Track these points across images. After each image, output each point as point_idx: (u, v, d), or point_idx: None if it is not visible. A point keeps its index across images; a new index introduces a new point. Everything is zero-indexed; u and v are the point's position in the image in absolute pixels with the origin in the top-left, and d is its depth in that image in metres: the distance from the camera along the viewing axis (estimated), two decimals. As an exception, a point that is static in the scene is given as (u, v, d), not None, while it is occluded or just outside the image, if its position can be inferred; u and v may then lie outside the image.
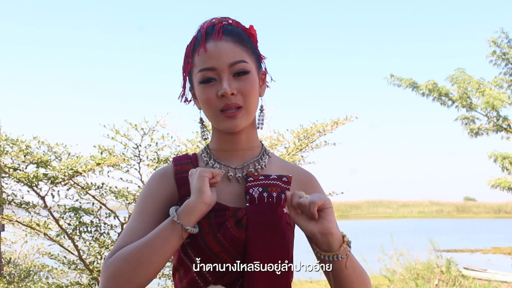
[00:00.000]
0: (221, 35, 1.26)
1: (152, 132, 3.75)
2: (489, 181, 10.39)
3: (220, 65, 1.24)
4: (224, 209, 1.25)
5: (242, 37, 1.29)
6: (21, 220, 4.15)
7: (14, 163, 3.73)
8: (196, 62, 1.27)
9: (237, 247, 1.21)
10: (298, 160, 4.42)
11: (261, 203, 1.24)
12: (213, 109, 1.26)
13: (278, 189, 1.26)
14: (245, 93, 1.26)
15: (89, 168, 3.69)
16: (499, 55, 10.01)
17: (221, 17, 1.32)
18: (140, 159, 3.82)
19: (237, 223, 1.22)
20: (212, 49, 1.25)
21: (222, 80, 1.24)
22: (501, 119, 10.16)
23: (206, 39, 1.26)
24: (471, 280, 8.29)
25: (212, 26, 1.29)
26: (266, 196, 1.25)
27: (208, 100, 1.26)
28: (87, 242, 4.02)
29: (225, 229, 1.21)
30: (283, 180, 1.28)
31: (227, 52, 1.25)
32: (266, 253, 1.20)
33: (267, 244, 1.21)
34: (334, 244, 1.17)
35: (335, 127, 4.29)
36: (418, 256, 9.20)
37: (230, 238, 1.21)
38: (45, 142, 3.73)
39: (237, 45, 1.27)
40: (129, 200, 3.90)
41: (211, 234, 1.21)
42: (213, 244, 1.21)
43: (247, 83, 1.26)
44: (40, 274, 5.67)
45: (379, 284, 8.74)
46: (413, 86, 10.54)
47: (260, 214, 1.22)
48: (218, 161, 1.33)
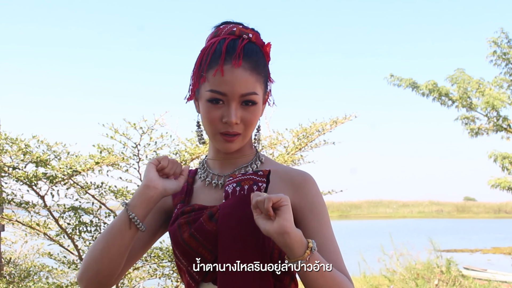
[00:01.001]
0: (241, 62, 1.25)
1: (151, 131, 3.75)
2: (489, 181, 10.40)
3: (232, 93, 1.25)
4: (202, 208, 1.30)
5: (258, 63, 1.29)
6: (21, 220, 4.15)
7: (13, 162, 3.73)
8: (209, 79, 1.26)
9: (211, 241, 1.24)
10: (297, 159, 4.42)
11: (233, 197, 1.26)
12: (213, 129, 1.29)
13: (250, 182, 1.27)
14: (248, 123, 1.29)
15: (88, 167, 3.68)
16: (499, 55, 10.01)
17: (242, 27, 1.31)
18: (139, 158, 3.82)
19: (210, 218, 1.26)
20: (229, 75, 1.24)
21: (229, 108, 1.26)
22: (501, 119, 10.17)
23: (225, 60, 1.25)
24: (471, 280, 8.30)
25: (233, 42, 1.27)
26: (238, 189, 1.27)
27: (211, 120, 1.28)
28: (87, 242, 4.02)
29: (199, 224, 1.26)
30: (258, 174, 1.29)
31: (241, 82, 1.25)
32: (238, 243, 1.21)
33: (238, 235, 1.22)
34: (294, 247, 1.12)
35: (334, 126, 4.29)
36: (418, 256, 9.21)
37: (202, 232, 1.25)
38: (44, 141, 3.73)
39: (252, 75, 1.26)
40: (128, 199, 3.90)
41: (187, 231, 1.27)
42: (189, 240, 1.26)
43: (251, 114, 1.28)
44: (40, 274, 5.67)
45: (379, 284, 8.75)
46: (413, 86, 10.55)
47: (230, 206, 1.25)
48: (209, 170, 1.38)
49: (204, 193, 1.35)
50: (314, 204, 1.29)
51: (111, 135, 3.70)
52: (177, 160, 1.27)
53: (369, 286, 8.70)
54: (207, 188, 1.36)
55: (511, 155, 9.94)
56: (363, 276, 9.13)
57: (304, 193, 1.29)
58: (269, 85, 1.37)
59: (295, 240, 1.12)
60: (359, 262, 8.92)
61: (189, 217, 1.29)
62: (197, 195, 1.37)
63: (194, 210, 1.30)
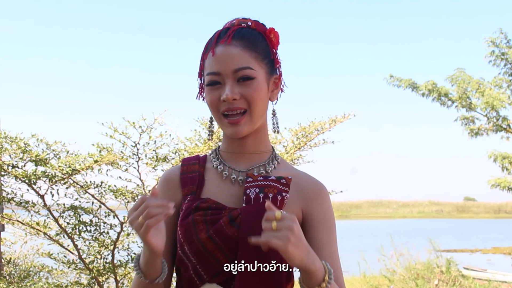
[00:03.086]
0: (230, 40, 1.26)
1: (150, 130, 3.75)
2: (489, 181, 10.39)
3: (225, 70, 1.26)
4: (221, 208, 1.27)
5: (253, 41, 1.29)
6: (21, 220, 4.14)
7: (12, 160, 3.73)
8: (206, 64, 1.29)
9: (229, 246, 1.22)
10: (296, 158, 4.42)
11: (256, 204, 1.24)
12: (216, 112, 1.29)
13: (275, 191, 1.25)
14: (249, 98, 1.26)
15: (87, 166, 3.68)
16: (498, 55, 10.01)
17: (242, 18, 1.33)
18: (138, 158, 3.82)
19: (231, 222, 1.23)
20: (219, 53, 1.26)
21: (225, 85, 1.26)
22: (501, 119, 10.16)
23: (216, 43, 1.28)
24: (471, 280, 8.29)
25: (226, 29, 1.30)
26: (262, 196, 1.24)
27: (211, 102, 1.28)
28: (87, 242, 4.02)
29: (218, 227, 1.23)
30: (281, 182, 1.27)
31: (232, 58, 1.25)
32: (258, 253, 1.19)
33: (259, 245, 1.19)
34: (313, 276, 1.14)
35: (333, 125, 4.29)
36: (418, 256, 9.20)
37: (222, 235, 1.22)
38: (44, 140, 3.73)
39: (245, 51, 1.27)
40: (128, 199, 3.90)
41: (204, 231, 1.23)
42: (206, 241, 1.23)
43: (251, 88, 1.26)
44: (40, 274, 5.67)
45: (379, 284, 8.74)
46: (413, 87, 10.54)
47: (254, 214, 1.22)
48: (224, 163, 1.35)
49: (219, 188, 1.32)
50: (327, 218, 1.30)
51: (110, 134, 3.70)
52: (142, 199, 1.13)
53: (369, 286, 8.69)
54: (222, 182, 1.32)
55: (511, 155, 9.94)
56: (363, 276, 9.12)
57: (318, 204, 1.30)
58: (279, 68, 1.36)
59: (313, 272, 1.13)
60: (359, 262, 8.91)
61: (205, 215, 1.25)
62: (209, 188, 1.32)
63: (211, 209, 1.26)
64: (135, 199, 3.90)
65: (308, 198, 1.30)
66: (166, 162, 3.86)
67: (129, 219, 1.14)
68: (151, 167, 3.88)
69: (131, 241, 4.15)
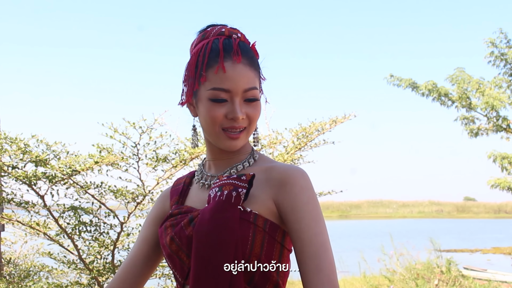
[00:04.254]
0: (240, 58, 1.26)
1: (150, 131, 3.75)
2: (489, 181, 10.40)
3: (235, 89, 1.25)
4: (189, 211, 1.31)
5: (253, 59, 1.30)
6: (21, 220, 4.14)
7: (12, 161, 3.73)
8: (210, 78, 1.26)
9: (188, 245, 1.25)
10: (297, 159, 4.42)
11: (213, 202, 1.25)
12: (216, 126, 1.28)
13: (231, 187, 1.25)
14: (252, 118, 1.29)
15: (87, 166, 3.68)
16: (497, 56, 10.01)
17: (230, 28, 1.32)
18: (139, 158, 3.82)
19: (190, 222, 1.26)
20: (231, 71, 1.25)
21: (234, 104, 1.26)
22: (501, 119, 10.17)
23: (224, 57, 1.26)
24: (471, 280, 8.29)
25: (227, 40, 1.28)
26: (219, 195, 1.25)
27: (215, 118, 1.26)
28: (87, 242, 4.02)
29: (178, 228, 1.28)
30: (241, 178, 1.26)
31: (243, 77, 1.26)
32: (210, 250, 1.19)
33: (211, 241, 1.20)
34: None
35: (334, 125, 4.29)
36: (418, 256, 9.21)
37: (181, 236, 1.26)
38: (44, 140, 3.73)
39: (251, 70, 1.28)
40: (128, 199, 3.90)
41: (170, 234, 1.29)
42: (171, 243, 1.28)
43: (255, 109, 1.29)
44: (40, 274, 5.67)
45: (379, 284, 8.74)
46: (413, 86, 10.55)
47: (208, 212, 1.23)
48: (204, 171, 1.38)
49: (197, 195, 1.36)
50: (297, 204, 1.22)
51: (110, 135, 3.70)
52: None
53: (369, 286, 8.69)
54: (200, 190, 1.36)
55: (511, 155, 9.95)
56: (363, 276, 9.13)
57: (286, 191, 1.23)
58: (261, 83, 1.37)
59: None
60: (359, 262, 8.92)
61: (174, 219, 1.31)
62: (190, 197, 1.38)
63: (181, 213, 1.32)
64: (135, 199, 3.90)
65: (275, 186, 1.25)
66: (166, 162, 3.87)
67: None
68: (151, 168, 3.88)
69: (131, 241, 4.15)
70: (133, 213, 3.99)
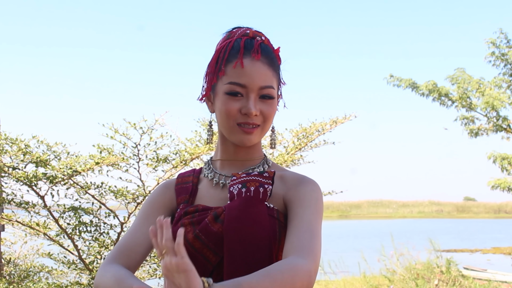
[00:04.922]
0: (260, 56, 1.30)
1: (151, 131, 3.76)
2: (489, 182, 10.41)
3: (252, 85, 1.29)
4: (207, 209, 1.30)
5: (274, 60, 1.34)
6: (21, 220, 4.14)
7: (13, 162, 3.73)
8: (228, 72, 1.30)
9: (216, 242, 1.24)
10: (297, 159, 4.43)
11: (239, 198, 1.27)
12: (231, 121, 1.30)
13: (256, 184, 1.28)
14: (266, 116, 1.32)
15: (88, 167, 3.68)
16: (498, 56, 10.01)
17: (255, 31, 1.37)
18: (139, 158, 3.82)
19: (216, 219, 1.26)
20: (249, 67, 1.29)
21: (249, 99, 1.29)
22: (501, 119, 10.17)
23: (244, 54, 1.30)
24: (471, 280, 8.30)
25: (250, 40, 1.32)
26: (244, 191, 1.27)
27: (229, 111, 1.29)
28: (87, 242, 4.02)
29: (204, 225, 1.26)
30: (263, 175, 1.30)
31: (261, 75, 1.29)
32: (244, 246, 1.21)
33: (245, 237, 1.22)
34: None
35: (334, 126, 4.30)
36: (418, 256, 9.21)
37: (208, 232, 1.25)
38: (44, 141, 3.73)
39: (270, 69, 1.32)
40: (128, 199, 3.90)
41: (191, 232, 1.27)
42: (194, 241, 1.26)
43: (270, 107, 1.32)
44: (40, 274, 5.67)
45: (379, 284, 8.74)
46: (413, 87, 10.56)
47: (236, 208, 1.25)
48: (215, 171, 1.38)
49: (210, 194, 1.36)
50: (306, 197, 1.27)
51: (111, 135, 3.70)
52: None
53: (369, 286, 8.69)
54: (213, 188, 1.37)
55: (510, 156, 9.95)
56: (363, 276, 9.13)
57: (297, 190, 1.29)
58: (280, 87, 1.40)
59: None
60: (359, 262, 8.93)
61: (193, 217, 1.29)
62: (201, 195, 1.37)
63: (198, 211, 1.30)
64: (135, 200, 3.90)
65: (289, 187, 1.31)
66: (166, 163, 3.87)
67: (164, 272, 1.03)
68: (151, 168, 3.88)
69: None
70: (133, 213, 3.99)
